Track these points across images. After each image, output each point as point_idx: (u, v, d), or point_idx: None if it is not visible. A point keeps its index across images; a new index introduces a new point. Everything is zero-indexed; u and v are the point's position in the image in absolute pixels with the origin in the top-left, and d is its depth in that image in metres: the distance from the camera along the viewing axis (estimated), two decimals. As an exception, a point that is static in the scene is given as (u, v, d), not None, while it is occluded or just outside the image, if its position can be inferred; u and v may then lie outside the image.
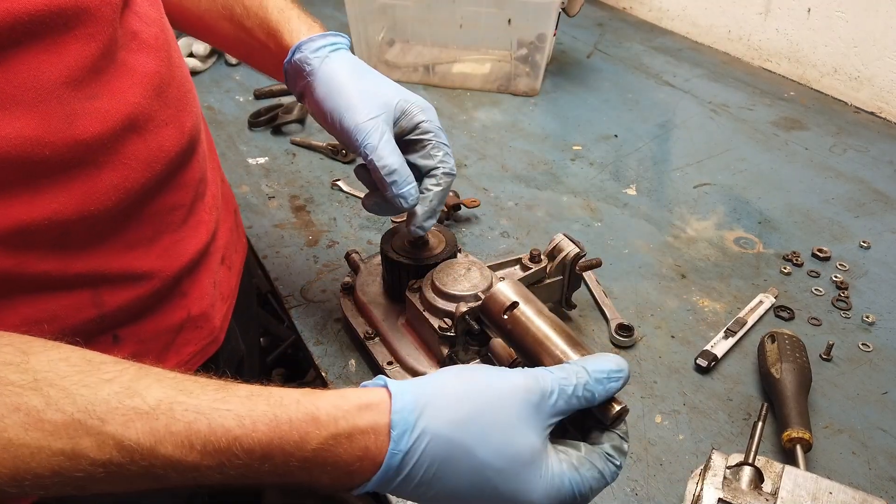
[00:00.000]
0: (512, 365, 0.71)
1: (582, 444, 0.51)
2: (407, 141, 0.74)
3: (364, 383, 0.50)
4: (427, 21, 1.54)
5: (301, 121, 1.40)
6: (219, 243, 0.79)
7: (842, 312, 0.97)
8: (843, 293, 0.99)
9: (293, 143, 1.35)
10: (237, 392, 0.46)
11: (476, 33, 1.54)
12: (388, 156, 0.69)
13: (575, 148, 1.36)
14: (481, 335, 0.76)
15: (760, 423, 0.67)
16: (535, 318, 0.62)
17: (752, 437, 0.66)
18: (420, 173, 0.75)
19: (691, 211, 1.18)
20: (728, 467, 0.62)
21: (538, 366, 0.60)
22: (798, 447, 0.73)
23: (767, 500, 0.58)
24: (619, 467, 0.51)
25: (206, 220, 0.75)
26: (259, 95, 1.50)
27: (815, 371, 0.85)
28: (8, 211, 0.52)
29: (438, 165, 0.74)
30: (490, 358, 0.77)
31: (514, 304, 0.63)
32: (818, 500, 0.57)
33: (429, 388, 0.48)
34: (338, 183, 1.22)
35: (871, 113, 1.50)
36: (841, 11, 1.49)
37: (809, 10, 1.56)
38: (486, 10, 1.47)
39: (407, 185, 0.70)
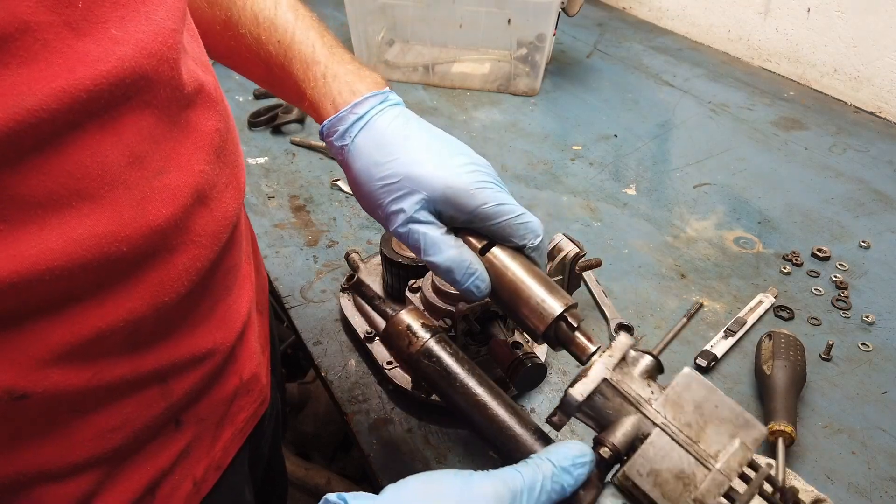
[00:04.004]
0: (512, 364, 0.71)
1: None
2: (470, 227, 0.64)
3: (326, 501, 0.46)
4: (427, 21, 1.54)
5: (301, 121, 1.40)
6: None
7: (841, 312, 0.97)
8: (843, 293, 0.99)
9: (293, 142, 1.35)
10: None
11: (476, 33, 1.55)
12: (433, 253, 0.60)
13: (575, 148, 1.36)
14: (481, 335, 0.76)
15: (685, 319, 0.63)
16: (511, 262, 0.61)
17: (670, 331, 0.62)
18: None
19: (691, 211, 1.18)
20: (633, 350, 0.58)
21: (518, 317, 0.60)
22: (780, 440, 0.74)
23: (653, 392, 0.54)
24: None
25: (247, 271, 0.68)
26: (259, 95, 1.50)
27: (815, 371, 0.85)
28: (82, 321, 0.46)
29: (523, 244, 0.63)
30: (490, 359, 0.77)
31: (489, 245, 0.62)
32: (700, 409, 0.53)
33: None
34: (337, 183, 1.23)
35: (871, 113, 1.50)
36: (841, 11, 1.49)
37: (809, 10, 1.56)
38: (485, 9, 1.47)
39: (470, 278, 0.60)
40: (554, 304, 0.59)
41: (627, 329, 0.91)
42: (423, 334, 0.61)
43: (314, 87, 0.65)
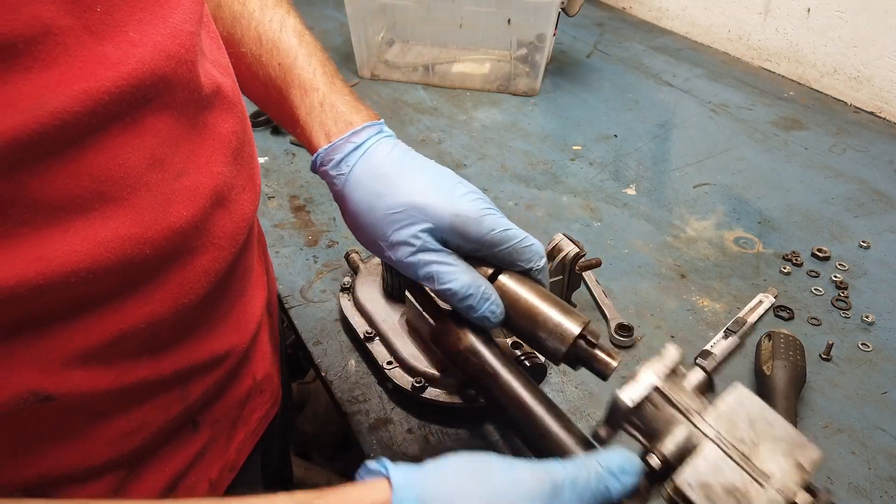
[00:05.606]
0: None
1: None
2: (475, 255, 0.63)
3: (366, 468, 0.46)
4: (427, 21, 1.54)
5: (301, 121, 1.40)
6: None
7: (841, 312, 0.97)
8: (843, 293, 0.99)
9: (293, 142, 1.35)
10: None
11: (476, 33, 1.55)
12: (449, 281, 0.59)
13: (575, 148, 1.36)
14: (481, 335, 0.76)
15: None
16: (521, 288, 0.62)
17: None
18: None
19: (691, 211, 1.18)
20: (684, 364, 0.56)
21: (535, 340, 0.61)
22: None
23: (703, 406, 0.52)
24: None
25: (259, 273, 0.68)
26: (259, 95, 1.50)
27: (814, 371, 0.85)
28: (104, 323, 0.46)
29: (529, 267, 0.62)
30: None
31: (497, 272, 0.62)
32: (753, 426, 0.51)
33: (433, 487, 0.45)
34: (337, 183, 1.22)
35: (871, 113, 1.50)
36: (841, 11, 1.49)
37: (809, 10, 1.56)
38: (485, 9, 1.47)
39: (485, 303, 0.59)
40: (572, 325, 0.60)
41: (628, 330, 0.91)
42: (471, 334, 0.62)
43: (309, 115, 0.65)
